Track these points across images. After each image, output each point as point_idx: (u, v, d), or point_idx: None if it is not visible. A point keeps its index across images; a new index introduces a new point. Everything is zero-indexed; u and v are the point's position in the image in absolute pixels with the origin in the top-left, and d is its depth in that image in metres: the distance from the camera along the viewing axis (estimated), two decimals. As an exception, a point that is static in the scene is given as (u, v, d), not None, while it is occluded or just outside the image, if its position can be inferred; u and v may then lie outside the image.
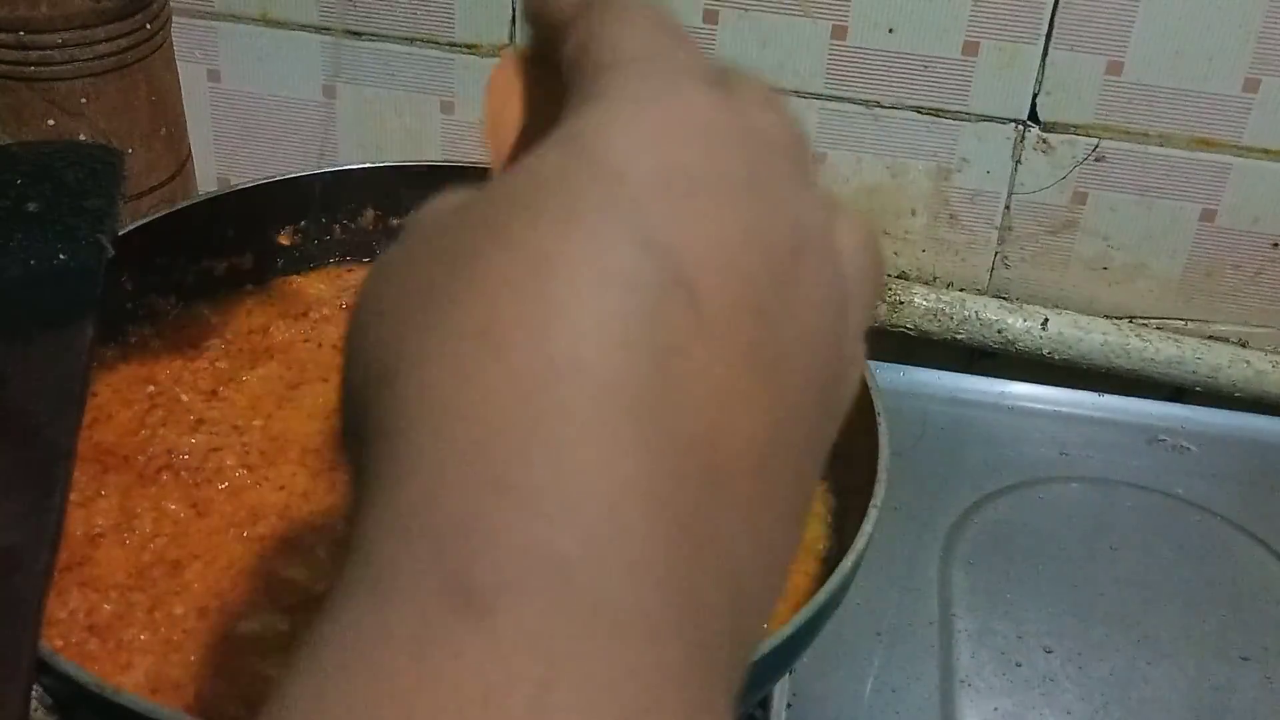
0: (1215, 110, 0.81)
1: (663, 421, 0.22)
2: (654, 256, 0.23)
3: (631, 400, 0.22)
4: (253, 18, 0.90)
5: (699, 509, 0.22)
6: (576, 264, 0.22)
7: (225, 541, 0.58)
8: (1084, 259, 0.88)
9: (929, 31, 0.82)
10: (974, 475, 0.79)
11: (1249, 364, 0.87)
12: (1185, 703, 0.66)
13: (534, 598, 0.20)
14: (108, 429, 0.63)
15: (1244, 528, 0.76)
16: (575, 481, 0.21)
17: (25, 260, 0.58)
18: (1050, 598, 0.71)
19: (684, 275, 0.23)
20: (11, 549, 0.47)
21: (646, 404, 0.22)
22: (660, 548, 0.21)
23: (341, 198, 0.75)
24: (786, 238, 0.25)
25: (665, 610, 0.21)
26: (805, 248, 0.25)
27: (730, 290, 0.23)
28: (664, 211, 0.23)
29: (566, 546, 0.20)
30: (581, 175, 0.23)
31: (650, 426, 0.22)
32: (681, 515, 0.22)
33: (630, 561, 0.21)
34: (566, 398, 0.21)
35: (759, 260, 0.24)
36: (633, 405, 0.22)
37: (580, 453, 0.21)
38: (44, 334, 0.55)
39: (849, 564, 0.53)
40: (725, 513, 0.23)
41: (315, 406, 0.66)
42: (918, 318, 0.88)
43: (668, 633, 0.21)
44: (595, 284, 0.22)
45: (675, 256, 0.23)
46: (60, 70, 0.73)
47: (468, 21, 0.87)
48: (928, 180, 0.87)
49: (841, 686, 0.66)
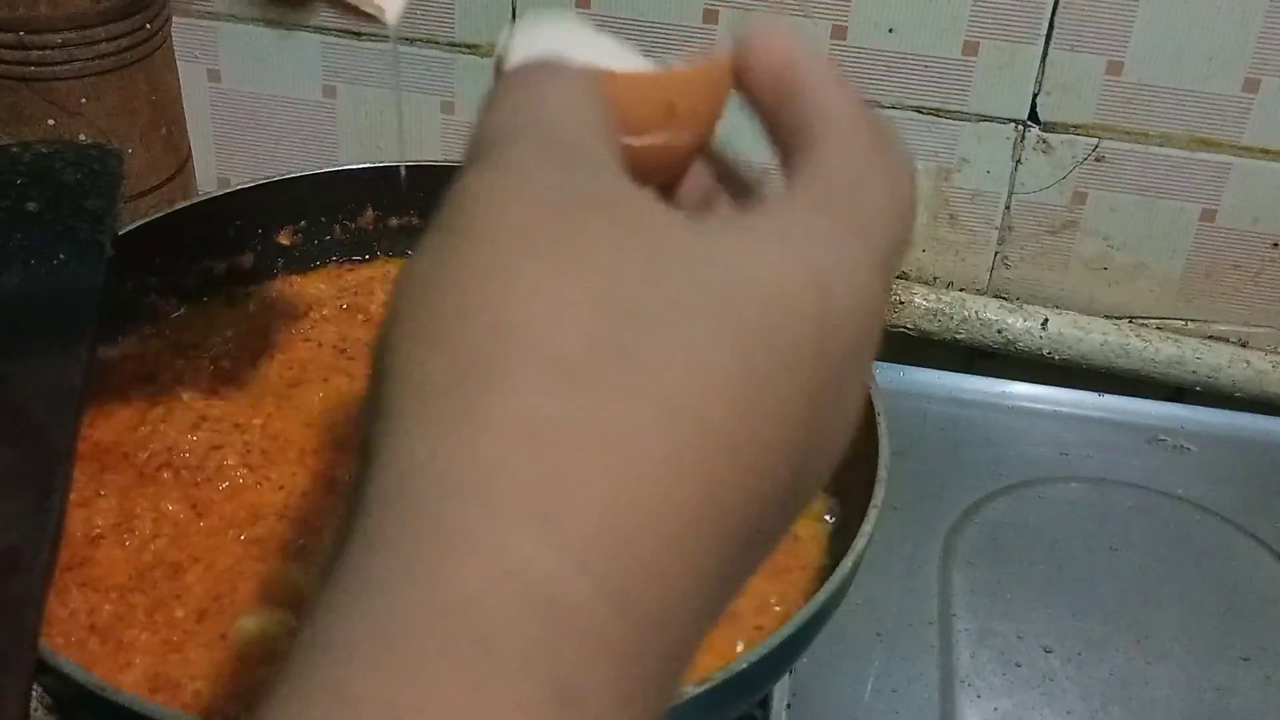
0: (1215, 110, 0.81)
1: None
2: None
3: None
4: (253, 18, 0.90)
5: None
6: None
7: (225, 542, 0.58)
8: (1084, 259, 0.88)
9: (929, 31, 0.82)
10: (974, 475, 0.79)
11: (1249, 364, 0.87)
12: (1185, 703, 0.66)
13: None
14: (107, 428, 0.63)
15: (1244, 528, 0.76)
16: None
17: (25, 260, 0.58)
18: (1050, 598, 0.71)
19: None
20: (11, 549, 0.47)
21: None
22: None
23: (341, 198, 0.75)
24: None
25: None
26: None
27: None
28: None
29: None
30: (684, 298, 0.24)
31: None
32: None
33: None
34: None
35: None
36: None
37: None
38: (44, 334, 0.55)
39: (849, 564, 0.53)
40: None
41: (315, 407, 0.66)
42: (918, 318, 0.88)
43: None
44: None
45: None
46: (60, 70, 0.73)
47: (468, 21, 0.87)
48: (928, 180, 0.87)
49: (841, 686, 0.66)
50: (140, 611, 0.54)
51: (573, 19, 0.32)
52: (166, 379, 0.66)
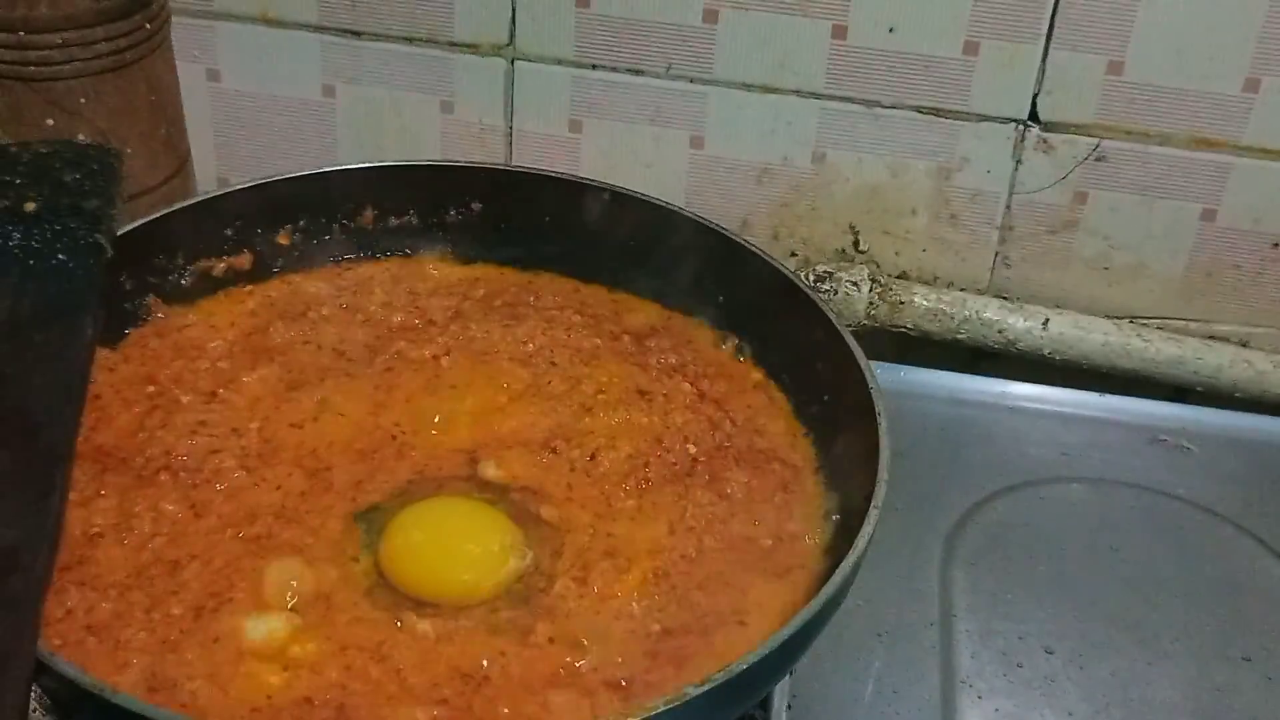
0: (1216, 110, 0.81)
1: None
2: None
3: None
4: (252, 17, 0.90)
5: None
6: None
7: (222, 540, 0.58)
8: (1085, 259, 0.88)
9: (929, 31, 0.82)
10: (974, 475, 0.79)
11: (1250, 364, 0.87)
12: (1186, 703, 0.66)
13: None
14: (108, 430, 0.63)
15: (1244, 528, 0.76)
16: None
17: (24, 260, 0.58)
18: (1051, 598, 0.71)
19: None
20: (10, 549, 0.47)
21: None
22: None
23: (340, 197, 0.75)
24: None
25: None
26: None
27: None
28: None
29: None
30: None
31: None
32: None
33: None
34: None
35: None
36: None
37: None
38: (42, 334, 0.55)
39: (849, 564, 0.53)
40: None
41: (312, 408, 0.65)
42: (918, 318, 0.88)
43: None
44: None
45: None
46: (60, 70, 0.73)
47: (468, 21, 0.87)
48: (928, 180, 0.87)
49: (842, 687, 0.66)
50: (138, 609, 0.54)
51: None
52: (166, 380, 0.66)
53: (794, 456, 0.65)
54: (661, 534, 0.60)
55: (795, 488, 0.63)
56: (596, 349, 0.70)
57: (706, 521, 0.60)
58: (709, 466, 0.63)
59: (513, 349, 0.70)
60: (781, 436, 0.66)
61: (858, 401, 0.61)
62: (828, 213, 0.89)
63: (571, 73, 0.87)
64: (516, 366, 0.69)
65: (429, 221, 0.76)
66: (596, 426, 0.65)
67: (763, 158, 0.88)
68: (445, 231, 0.76)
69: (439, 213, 0.76)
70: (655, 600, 0.56)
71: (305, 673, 0.52)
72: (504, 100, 0.89)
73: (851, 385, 0.62)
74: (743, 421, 0.67)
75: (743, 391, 0.69)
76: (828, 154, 0.87)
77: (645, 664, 0.53)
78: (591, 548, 0.59)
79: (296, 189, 0.73)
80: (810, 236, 0.91)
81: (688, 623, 0.55)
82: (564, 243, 0.75)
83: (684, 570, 0.58)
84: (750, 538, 0.60)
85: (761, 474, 0.63)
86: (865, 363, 0.62)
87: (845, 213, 0.89)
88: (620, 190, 0.74)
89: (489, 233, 0.76)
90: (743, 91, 0.86)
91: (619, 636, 0.55)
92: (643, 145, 0.89)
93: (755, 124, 0.86)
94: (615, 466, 0.63)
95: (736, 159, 0.88)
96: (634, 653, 0.54)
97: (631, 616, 0.56)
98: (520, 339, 0.70)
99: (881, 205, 0.89)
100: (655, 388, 0.68)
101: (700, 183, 0.89)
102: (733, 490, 0.62)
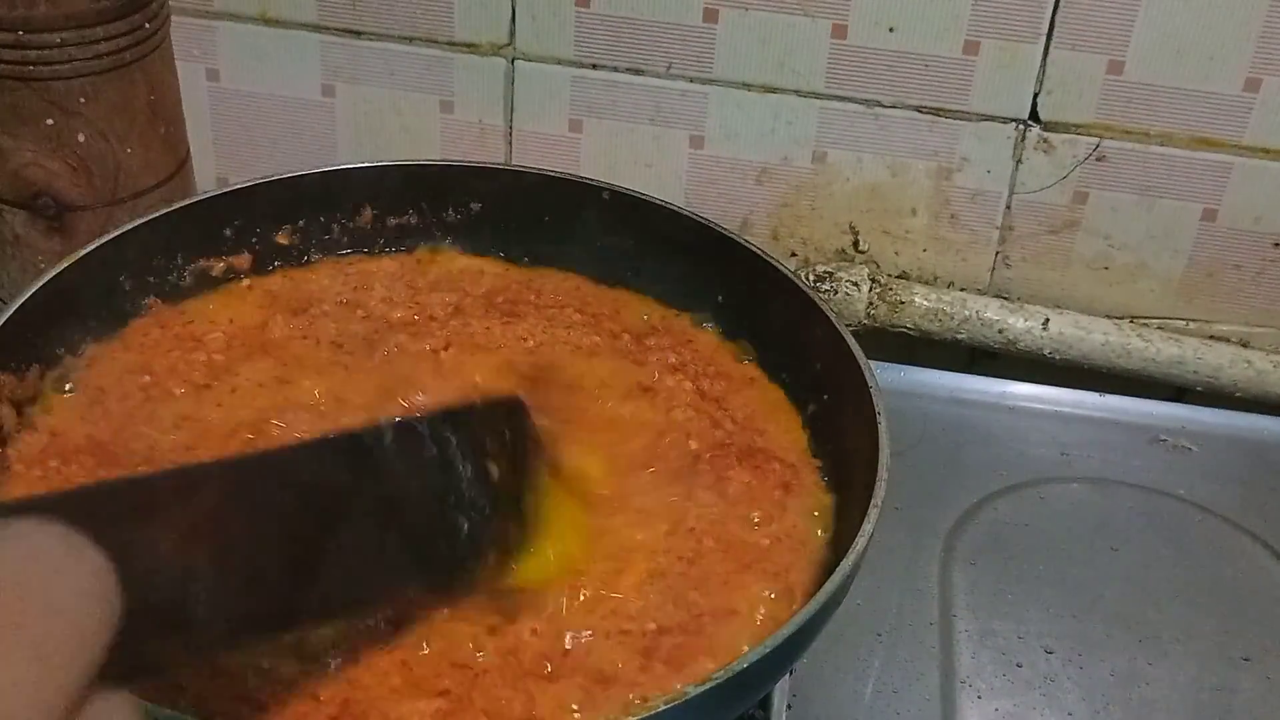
0: (1216, 109, 0.81)
1: None
2: None
3: None
4: (252, 17, 0.90)
5: None
6: None
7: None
8: (1085, 259, 0.88)
9: (929, 31, 0.82)
10: (974, 475, 0.79)
11: (1250, 364, 0.87)
12: (1186, 703, 0.66)
13: None
14: (105, 426, 0.62)
15: (1244, 528, 0.76)
16: None
17: None
18: (1051, 598, 0.71)
19: None
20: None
21: None
22: None
23: (340, 197, 0.75)
24: None
25: None
26: None
27: None
28: None
29: None
30: None
31: None
32: None
33: None
34: None
35: None
36: None
37: None
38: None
39: (849, 564, 0.52)
40: None
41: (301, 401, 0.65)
42: (918, 318, 0.88)
43: None
44: None
45: None
46: (59, 70, 0.73)
47: (468, 21, 0.87)
48: (928, 180, 0.87)
49: (841, 686, 0.66)
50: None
51: None
52: (161, 369, 0.66)
53: (793, 456, 0.65)
54: (660, 533, 0.60)
55: (795, 487, 0.63)
56: (596, 347, 0.70)
57: (705, 520, 0.60)
58: (709, 465, 0.63)
59: (513, 345, 0.70)
60: (781, 436, 0.66)
61: (858, 401, 0.61)
62: (828, 212, 0.89)
63: (571, 72, 0.88)
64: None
65: (429, 221, 0.76)
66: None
67: (762, 157, 0.88)
68: (445, 231, 0.76)
69: (439, 212, 0.76)
70: (652, 599, 0.56)
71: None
72: (504, 100, 0.89)
73: (851, 385, 0.62)
74: (742, 421, 0.67)
75: (742, 391, 0.69)
76: (828, 154, 0.87)
77: (640, 662, 0.53)
78: (589, 545, 0.59)
79: (296, 189, 0.73)
80: (810, 236, 0.91)
81: (684, 621, 0.55)
82: (563, 242, 0.75)
83: (681, 569, 0.58)
84: (749, 537, 0.60)
85: (761, 473, 0.63)
86: (865, 363, 0.62)
87: (845, 212, 0.89)
88: (620, 190, 0.74)
89: (489, 232, 0.76)
90: (743, 91, 0.86)
91: (615, 634, 0.54)
92: (643, 145, 0.89)
93: (755, 124, 0.86)
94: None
95: (736, 159, 0.88)
96: (629, 651, 0.54)
97: (629, 615, 0.55)
98: (520, 335, 0.70)
99: (881, 205, 0.89)
100: (655, 386, 0.68)
101: (700, 182, 0.89)
102: (732, 489, 0.62)
